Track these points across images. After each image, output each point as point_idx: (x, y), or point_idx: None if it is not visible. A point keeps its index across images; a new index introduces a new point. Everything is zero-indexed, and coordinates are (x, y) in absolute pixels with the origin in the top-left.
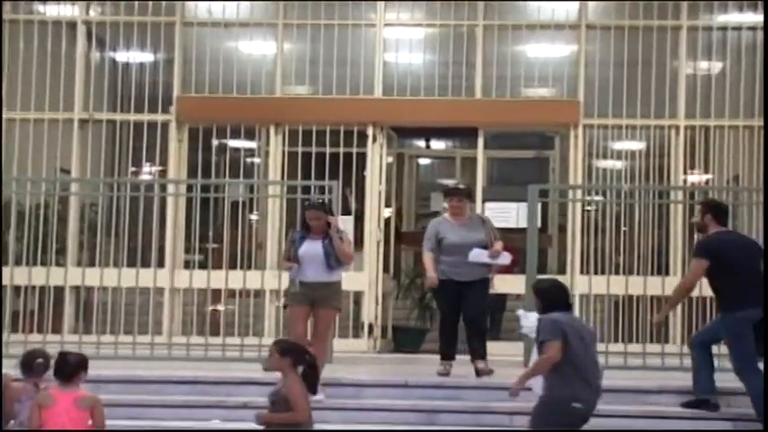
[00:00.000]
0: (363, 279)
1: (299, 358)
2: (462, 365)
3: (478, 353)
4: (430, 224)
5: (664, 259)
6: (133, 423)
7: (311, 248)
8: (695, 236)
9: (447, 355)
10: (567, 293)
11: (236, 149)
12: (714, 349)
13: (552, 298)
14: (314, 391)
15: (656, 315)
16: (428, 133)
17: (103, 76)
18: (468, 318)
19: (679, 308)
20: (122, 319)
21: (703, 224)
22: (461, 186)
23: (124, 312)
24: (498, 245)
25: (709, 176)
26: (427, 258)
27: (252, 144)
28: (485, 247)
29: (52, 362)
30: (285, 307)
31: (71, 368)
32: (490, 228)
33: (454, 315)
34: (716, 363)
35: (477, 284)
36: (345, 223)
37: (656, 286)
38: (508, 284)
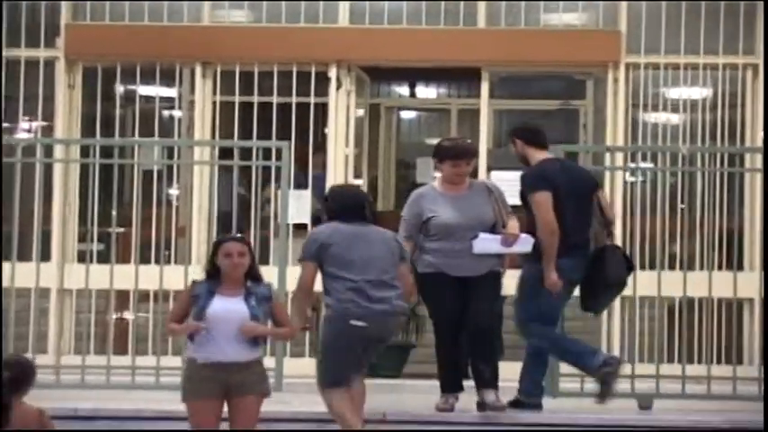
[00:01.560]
0: None
1: None
2: (468, 395)
3: (486, 379)
4: (410, 198)
5: (736, 248)
6: None
7: (227, 309)
8: None
9: (449, 384)
10: (362, 202)
11: (149, 98)
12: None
13: (341, 204)
14: None
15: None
16: (413, 76)
17: None
18: (474, 328)
19: (757, 315)
20: None
21: (521, 155)
22: (469, 142)
23: None
24: (513, 224)
25: None
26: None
27: (170, 91)
28: (493, 229)
29: None
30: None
31: None
32: (499, 200)
33: (453, 326)
34: None
35: (485, 281)
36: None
37: (725, 285)
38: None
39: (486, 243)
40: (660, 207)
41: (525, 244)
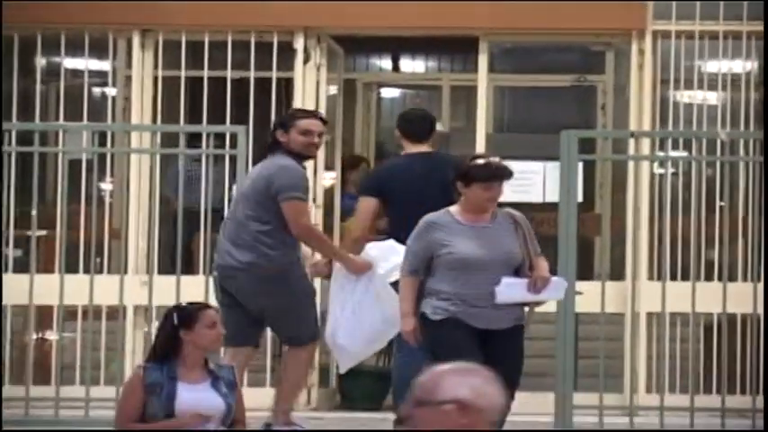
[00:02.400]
0: None
1: None
2: None
3: None
4: (420, 225)
5: None
6: None
7: (198, 400)
8: None
9: None
10: None
11: (77, 73)
12: None
13: None
14: None
15: None
16: (396, 47)
17: None
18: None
19: None
20: None
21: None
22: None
23: None
24: (543, 264)
25: None
26: (406, 288)
27: (102, 65)
28: (517, 271)
29: None
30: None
31: None
32: (527, 234)
33: None
34: None
35: (511, 335)
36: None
37: None
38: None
39: (512, 290)
40: (695, 205)
41: (557, 290)
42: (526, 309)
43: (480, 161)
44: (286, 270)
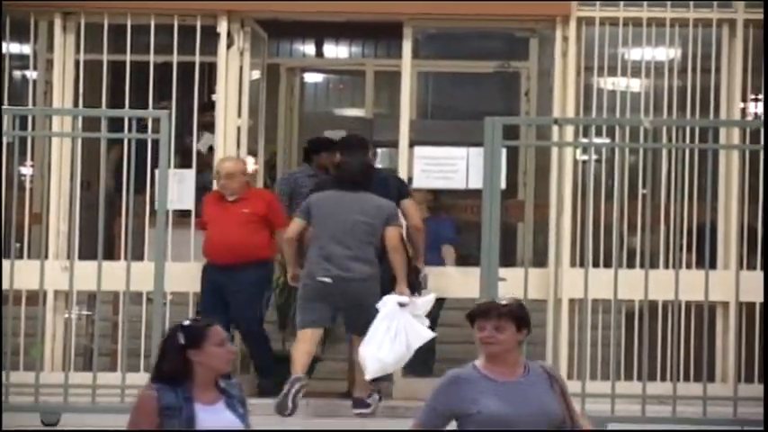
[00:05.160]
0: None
1: None
2: None
3: None
4: (443, 380)
5: (708, 242)
6: None
7: (217, 422)
8: (760, 199)
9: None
10: (360, 173)
11: None
12: None
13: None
14: None
15: None
16: (320, 32)
17: None
18: None
19: (732, 322)
20: None
21: None
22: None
23: None
24: (588, 425)
25: None
26: None
27: (23, 48)
28: None
29: None
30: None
31: None
32: (565, 390)
33: None
34: None
35: None
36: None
37: (694, 287)
38: (454, 284)
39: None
40: (617, 192)
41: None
42: None
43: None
44: None
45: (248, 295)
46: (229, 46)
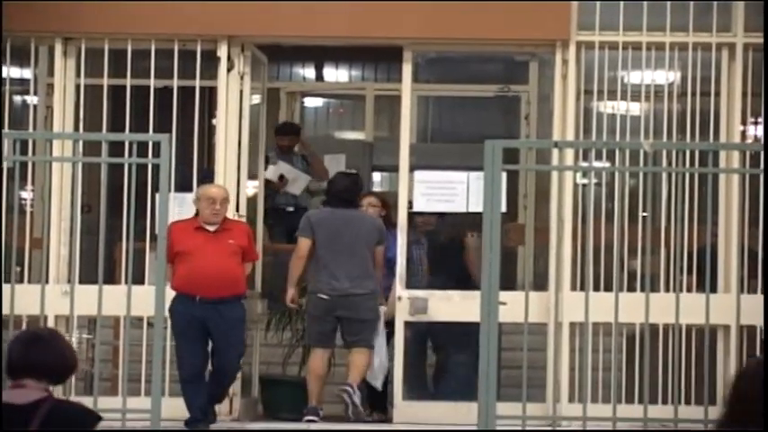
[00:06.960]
0: None
1: None
2: None
3: None
4: None
5: (709, 266)
6: None
7: None
8: (760, 222)
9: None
10: (354, 188)
11: None
12: None
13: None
14: None
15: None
16: (320, 56)
17: None
18: None
19: (733, 345)
20: None
21: None
22: None
23: None
24: None
25: None
26: None
27: (24, 72)
28: None
29: None
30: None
31: None
32: None
33: None
34: None
35: None
36: None
37: (695, 310)
38: (455, 307)
39: None
40: (618, 215)
41: None
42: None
43: None
44: None
45: (238, 332)
46: (229, 70)
